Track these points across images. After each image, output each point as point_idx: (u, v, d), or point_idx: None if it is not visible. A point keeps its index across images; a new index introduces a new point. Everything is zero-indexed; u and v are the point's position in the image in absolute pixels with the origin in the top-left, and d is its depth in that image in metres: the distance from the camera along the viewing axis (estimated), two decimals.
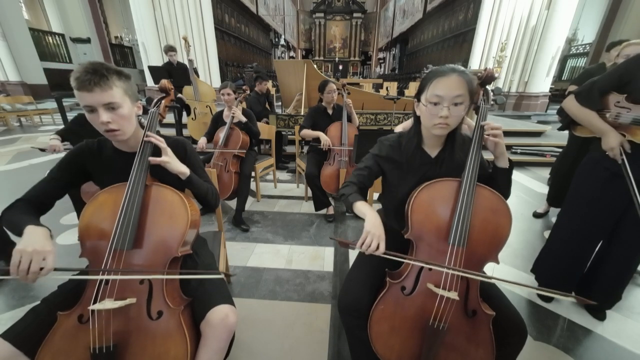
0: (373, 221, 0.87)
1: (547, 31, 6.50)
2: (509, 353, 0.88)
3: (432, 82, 0.85)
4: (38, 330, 0.76)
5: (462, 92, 0.82)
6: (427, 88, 0.87)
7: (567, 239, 1.45)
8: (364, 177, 1.06)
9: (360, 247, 0.83)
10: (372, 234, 0.84)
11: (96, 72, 0.77)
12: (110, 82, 0.79)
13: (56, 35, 11.95)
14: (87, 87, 0.76)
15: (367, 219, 0.88)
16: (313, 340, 1.33)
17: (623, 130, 1.16)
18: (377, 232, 0.84)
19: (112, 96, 0.80)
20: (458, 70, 0.84)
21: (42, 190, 0.91)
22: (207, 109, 3.91)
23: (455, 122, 0.88)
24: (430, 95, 0.86)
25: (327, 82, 2.43)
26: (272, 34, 15.86)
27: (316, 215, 2.53)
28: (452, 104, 0.83)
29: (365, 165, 1.07)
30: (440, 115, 0.84)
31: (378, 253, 0.83)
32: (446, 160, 0.98)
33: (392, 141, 1.05)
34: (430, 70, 0.89)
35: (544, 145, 4.33)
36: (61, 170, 0.94)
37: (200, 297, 0.88)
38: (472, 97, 0.86)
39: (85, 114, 0.82)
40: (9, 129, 6.18)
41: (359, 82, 9.19)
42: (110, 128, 0.82)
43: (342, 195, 1.03)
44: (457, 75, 0.82)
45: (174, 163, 0.94)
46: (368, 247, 0.82)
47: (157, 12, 6.81)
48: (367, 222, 0.87)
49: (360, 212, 0.94)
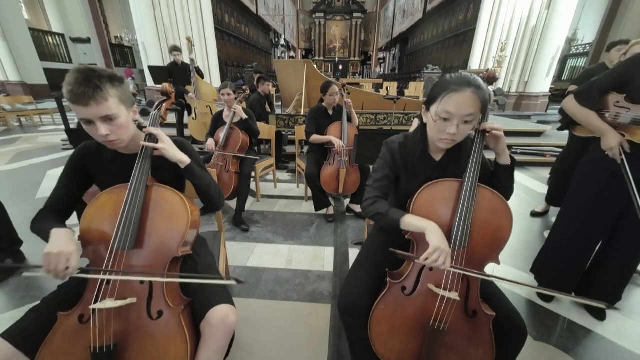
0: (440, 235, 0.82)
1: (547, 31, 6.51)
2: (509, 353, 0.88)
3: (445, 96, 0.80)
4: (38, 330, 0.76)
5: (474, 111, 0.79)
6: (439, 101, 0.82)
7: (567, 239, 1.45)
8: (386, 187, 1.00)
9: (424, 260, 0.80)
10: (442, 250, 0.79)
11: (89, 82, 0.74)
12: (104, 93, 0.77)
13: (56, 35, 11.97)
14: (81, 101, 0.74)
15: (430, 232, 0.83)
16: (313, 340, 1.33)
17: (622, 130, 1.16)
18: (445, 247, 0.80)
19: (109, 108, 0.78)
20: (474, 84, 0.78)
21: (58, 198, 0.95)
22: (207, 109, 3.91)
23: (462, 138, 0.85)
24: (440, 110, 0.81)
25: (330, 83, 2.38)
26: (272, 34, 15.86)
27: (316, 215, 2.53)
28: (462, 122, 0.80)
29: (383, 174, 1.00)
30: (448, 132, 0.82)
31: (444, 268, 0.80)
32: (451, 166, 0.97)
33: (399, 143, 1.01)
34: (445, 79, 0.83)
35: (544, 145, 4.33)
36: (68, 175, 0.96)
37: (200, 297, 0.88)
38: (483, 114, 0.83)
39: (83, 125, 0.80)
40: (9, 129, 6.19)
41: (359, 82, 9.20)
42: (110, 140, 0.82)
43: (377, 214, 0.95)
44: (472, 92, 0.77)
45: (171, 150, 0.93)
46: (435, 262, 0.79)
47: (157, 12, 6.81)
48: (434, 237, 0.81)
49: (415, 227, 0.87)
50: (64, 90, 0.76)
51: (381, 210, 0.94)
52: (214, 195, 1.05)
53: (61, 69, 11.34)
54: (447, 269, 0.81)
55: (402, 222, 0.89)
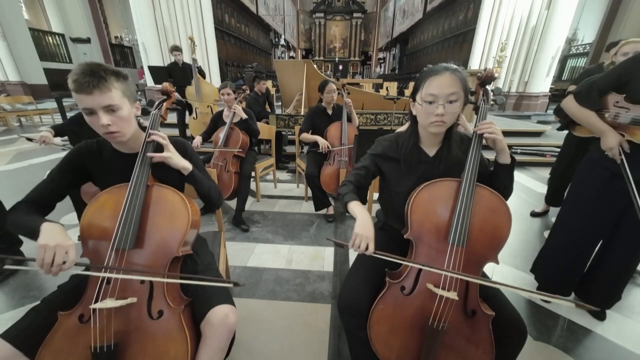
0: (362, 222, 0.90)
1: (547, 31, 6.51)
2: (509, 353, 0.88)
3: (426, 82, 0.87)
4: (38, 330, 0.76)
5: (456, 90, 0.84)
6: (422, 87, 0.88)
7: (567, 239, 1.45)
8: (360, 176, 1.07)
9: (351, 247, 0.87)
10: (361, 235, 0.87)
11: (94, 74, 0.77)
12: (108, 84, 0.79)
13: (56, 35, 11.95)
14: (85, 89, 0.76)
15: (357, 220, 0.91)
16: (313, 340, 1.33)
17: (622, 130, 1.16)
18: (365, 233, 0.87)
19: (111, 98, 0.80)
20: (451, 68, 0.86)
21: (43, 192, 0.91)
22: (208, 109, 3.91)
23: (451, 119, 0.89)
24: (425, 94, 0.87)
25: (327, 82, 2.43)
26: (272, 34, 15.85)
27: (316, 215, 2.53)
28: (447, 101, 0.85)
29: (363, 164, 1.08)
30: (436, 113, 0.85)
31: (368, 253, 0.86)
32: (444, 159, 0.98)
33: (389, 140, 1.06)
34: (424, 70, 0.90)
35: (544, 145, 4.33)
36: (61, 171, 0.94)
37: (201, 297, 0.88)
38: (467, 94, 0.88)
39: (84, 116, 0.81)
40: (9, 129, 6.19)
41: (359, 82, 9.19)
42: (110, 130, 0.82)
43: (339, 194, 1.05)
44: (450, 73, 0.84)
45: (175, 158, 0.95)
46: (358, 247, 0.86)
47: (157, 12, 6.80)
48: (357, 224, 0.90)
49: (352, 212, 0.97)
50: (69, 80, 0.77)
51: (342, 192, 1.04)
52: (213, 196, 1.07)
53: (61, 69, 11.33)
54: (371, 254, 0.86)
55: (348, 205, 0.99)
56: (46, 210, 0.92)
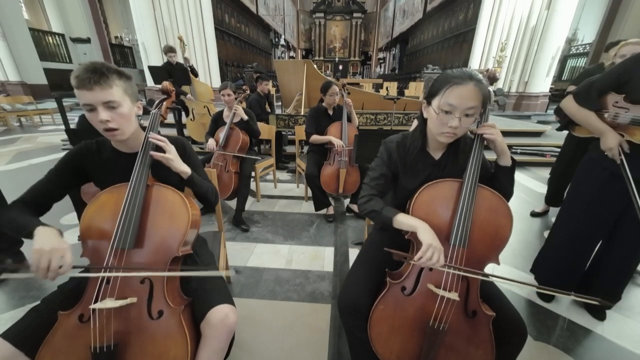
0: (431, 233, 0.84)
1: (547, 31, 6.51)
2: (509, 353, 0.88)
3: (447, 89, 0.81)
4: (38, 330, 0.76)
5: (476, 104, 0.80)
6: (441, 94, 0.82)
7: (567, 239, 1.45)
8: (382, 186, 1.01)
9: (418, 260, 0.80)
10: (434, 247, 0.80)
11: (96, 70, 0.78)
12: (110, 80, 0.80)
13: (56, 35, 11.95)
14: (86, 85, 0.77)
15: (421, 231, 0.84)
16: (313, 340, 1.33)
17: (622, 130, 1.16)
18: (438, 245, 0.82)
19: (112, 95, 0.80)
20: (476, 78, 0.79)
21: (40, 192, 0.90)
22: (204, 110, 3.90)
23: (463, 132, 0.86)
24: (442, 103, 0.82)
25: (331, 84, 2.38)
26: (272, 34, 15.85)
27: (316, 215, 2.53)
28: (464, 115, 0.81)
29: (380, 173, 1.01)
30: (450, 124, 0.82)
31: (438, 266, 0.81)
32: (449, 164, 0.98)
33: (396, 142, 1.01)
34: (447, 73, 0.84)
35: (544, 145, 4.33)
36: (59, 171, 0.93)
37: (201, 297, 0.88)
38: (485, 107, 0.84)
39: (85, 112, 0.82)
40: (9, 129, 6.19)
41: (359, 82, 9.20)
42: (110, 127, 0.82)
43: (371, 211, 0.96)
44: (475, 85, 0.79)
45: (176, 162, 0.95)
46: (429, 260, 0.79)
47: (157, 12, 6.81)
48: (426, 235, 0.83)
49: (407, 225, 0.89)
50: (72, 77, 0.78)
51: (376, 207, 0.96)
52: (210, 198, 1.08)
53: (61, 69, 11.34)
54: (441, 267, 0.81)
55: (395, 220, 0.91)
56: (41, 210, 0.91)
